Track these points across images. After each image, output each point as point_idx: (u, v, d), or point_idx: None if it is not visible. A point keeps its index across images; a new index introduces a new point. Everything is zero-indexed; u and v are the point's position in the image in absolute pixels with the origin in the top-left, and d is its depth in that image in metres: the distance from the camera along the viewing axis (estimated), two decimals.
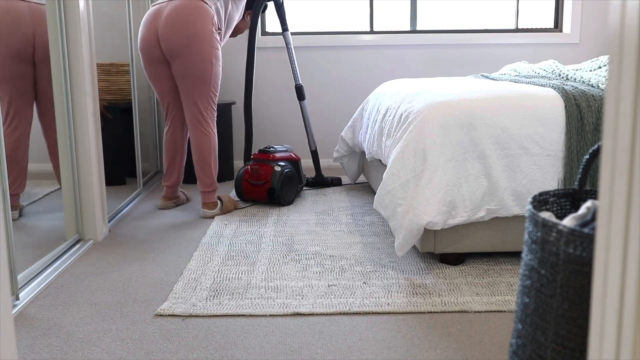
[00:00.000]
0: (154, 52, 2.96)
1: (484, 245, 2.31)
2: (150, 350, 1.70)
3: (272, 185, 3.21)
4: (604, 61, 2.92)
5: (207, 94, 2.97)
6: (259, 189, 3.25)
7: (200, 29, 2.87)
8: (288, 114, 4.36)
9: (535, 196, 1.39)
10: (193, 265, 2.35)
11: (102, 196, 2.75)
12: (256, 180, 3.25)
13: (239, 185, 3.32)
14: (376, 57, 4.32)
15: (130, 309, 1.98)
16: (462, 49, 4.32)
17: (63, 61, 2.51)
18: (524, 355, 1.30)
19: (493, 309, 1.93)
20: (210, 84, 2.96)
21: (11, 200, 2.98)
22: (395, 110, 2.58)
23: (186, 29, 2.86)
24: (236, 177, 3.37)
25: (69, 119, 2.56)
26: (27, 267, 2.22)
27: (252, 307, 1.96)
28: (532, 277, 1.27)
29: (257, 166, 3.27)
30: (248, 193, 3.30)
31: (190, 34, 2.86)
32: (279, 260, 2.41)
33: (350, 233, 2.75)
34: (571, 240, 1.17)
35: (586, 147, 2.23)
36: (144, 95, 4.05)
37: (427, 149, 2.20)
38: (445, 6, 4.42)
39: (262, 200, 3.29)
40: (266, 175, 3.23)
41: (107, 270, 2.33)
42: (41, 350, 1.71)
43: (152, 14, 2.97)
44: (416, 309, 1.94)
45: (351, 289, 2.10)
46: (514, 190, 2.23)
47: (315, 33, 4.34)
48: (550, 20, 4.43)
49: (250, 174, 3.28)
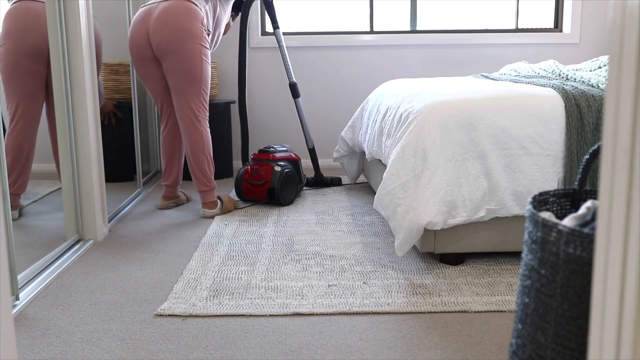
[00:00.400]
0: (144, 52, 2.97)
1: (484, 245, 2.31)
2: (150, 350, 1.70)
3: (272, 185, 3.21)
4: (604, 61, 2.92)
5: (198, 92, 2.97)
6: (259, 189, 3.25)
7: (190, 27, 2.88)
8: (287, 113, 4.36)
9: (535, 196, 1.39)
10: (193, 265, 2.35)
11: (102, 196, 2.75)
12: (256, 180, 3.25)
13: (238, 185, 3.33)
14: (376, 57, 4.32)
15: (130, 309, 1.98)
16: (462, 49, 4.32)
17: (63, 61, 2.51)
18: (524, 355, 1.30)
19: (493, 309, 1.93)
20: (201, 81, 2.96)
21: (11, 200, 2.99)
22: (395, 110, 2.58)
23: (176, 27, 2.87)
24: (236, 177, 3.38)
25: (69, 119, 2.56)
26: (27, 267, 2.22)
27: (252, 307, 1.96)
28: (532, 277, 1.27)
29: (257, 166, 3.27)
30: (248, 193, 3.30)
31: (181, 31, 2.87)
32: (279, 260, 2.41)
33: (350, 233, 2.75)
34: (571, 240, 1.17)
35: (586, 147, 2.23)
36: (146, 94, 4.05)
37: (427, 149, 2.20)
38: (445, 6, 4.42)
39: (262, 200, 3.29)
40: (266, 175, 3.23)
41: (107, 270, 2.33)
42: (41, 350, 1.71)
43: (142, 15, 2.97)
44: (416, 309, 1.94)
45: (351, 289, 2.10)
46: (514, 190, 2.23)
47: (315, 33, 4.34)
48: (550, 20, 4.43)
49: (250, 174, 3.28)
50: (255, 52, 4.29)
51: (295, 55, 4.30)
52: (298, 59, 4.31)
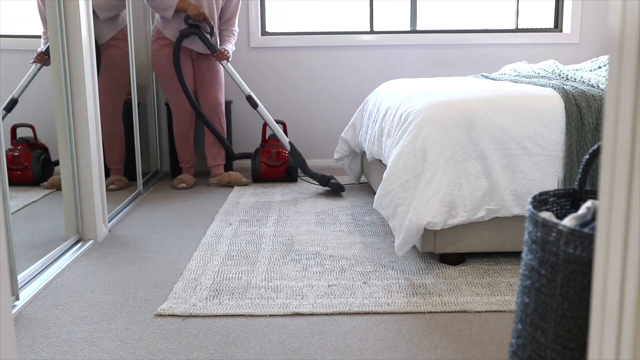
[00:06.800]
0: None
1: (484, 245, 2.31)
2: (150, 350, 1.70)
3: (290, 164, 3.78)
4: (604, 61, 2.92)
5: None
6: (277, 170, 3.80)
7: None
8: (288, 113, 4.36)
9: (535, 196, 1.39)
10: (193, 265, 2.35)
11: (102, 196, 2.75)
12: (275, 162, 3.79)
13: (256, 169, 3.78)
14: (376, 57, 4.32)
15: (130, 309, 1.98)
16: (462, 49, 4.32)
17: (63, 61, 2.51)
18: (524, 355, 1.30)
19: (493, 309, 1.93)
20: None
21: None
22: (396, 110, 2.58)
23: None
24: (252, 162, 3.81)
25: (69, 119, 2.56)
26: (27, 267, 2.22)
27: (252, 307, 1.96)
28: (532, 277, 1.27)
29: (275, 150, 3.78)
30: (265, 174, 3.79)
31: None
32: (279, 260, 2.41)
33: (350, 233, 2.75)
34: (571, 240, 1.17)
35: (586, 147, 2.23)
36: (146, 94, 4.05)
37: (427, 149, 2.20)
38: (445, 6, 4.42)
39: (280, 179, 3.83)
40: (284, 157, 3.78)
41: (107, 270, 2.33)
42: (41, 350, 1.71)
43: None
44: (416, 309, 1.94)
45: (351, 289, 2.10)
46: (514, 190, 2.23)
47: (315, 33, 4.34)
48: (550, 20, 4.43)
49: (268, 156, 3.79)
50: (256, 52, 4.29)
51: (295, 55, 4.30)
52: (298, 59, 4.31)
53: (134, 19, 3.76)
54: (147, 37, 4.06)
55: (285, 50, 4.30)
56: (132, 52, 3.57)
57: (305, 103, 4.35)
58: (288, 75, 4.31)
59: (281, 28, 4.38)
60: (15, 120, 3.62)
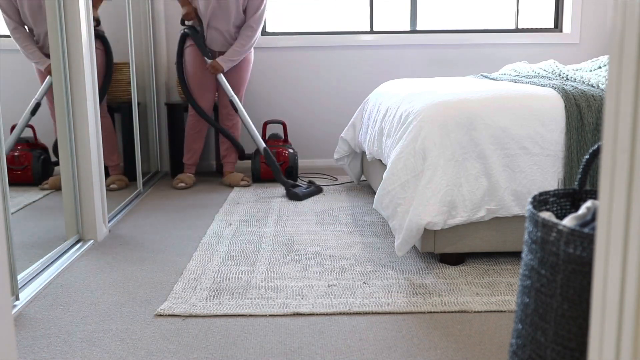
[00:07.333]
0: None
1: (484, 245, 2.31)
2: (150, 350, 1.70)
3: (290, 164, 3.78)
4: (604, 61, 2.92)
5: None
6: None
7: None
8: (288, 112, 4.36)
9: (535, 196, 1.39)
10: (193, 265, 2.35)
11: (102, 196, 2.75)
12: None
13: (256, 169, 3.79)
14: (376, 57, 4.32)
15: (130, 309, 1.98)
16: (462, 49, 4.32)
17: (63, 61, 2.51)
18: (524, 355, 1.30)
19: (493, 309, 1.93)
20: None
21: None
22: (396, 110, 2.58)
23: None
24: (252, 163, 3.81)
25: (69, 119, 2.56)
26: (27, 267, 2.22)
27: (252, 307, 1.96)
28: (532, 277, 1.27)
29: (275, 150, 3.78)
30: (265, 174, 3.81)
31: None
32: (279, 260, 2.41)
33: (350, 233, 2.75)
34: (571, 240, 1.17)
35: (586, 147, 2.23)
36: (146, 94, 4.05)
37: (427, 149, 2.20)
38: (445, 6, 4.42)
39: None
40: (284, 157, 3.79)
41: (107, 270, 2.34)
42: (41, 350, 1.71)
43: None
44: (416, 309, 1.94)
45: (351, 289, 2.10)
46: (514, 190, 2.23)
47: (315, 33, 4.34)
48: (550, 20, 4.43)
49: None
50: (256, 52, 4.28)
51: (296, 55, 4.30)
52: (298, 59, 4.31)
53: (134, 19, 3.76)
54: (147, 36, 4.06)
55: (285, 50, 4.30)
56: (132, 52, 3.57)
57: (305, 103, 4.35)
58: (288, 75, 4.31)
59: (281, 28, 4.38)
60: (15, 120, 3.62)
